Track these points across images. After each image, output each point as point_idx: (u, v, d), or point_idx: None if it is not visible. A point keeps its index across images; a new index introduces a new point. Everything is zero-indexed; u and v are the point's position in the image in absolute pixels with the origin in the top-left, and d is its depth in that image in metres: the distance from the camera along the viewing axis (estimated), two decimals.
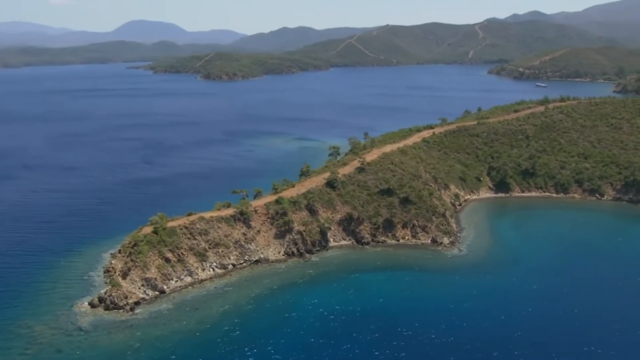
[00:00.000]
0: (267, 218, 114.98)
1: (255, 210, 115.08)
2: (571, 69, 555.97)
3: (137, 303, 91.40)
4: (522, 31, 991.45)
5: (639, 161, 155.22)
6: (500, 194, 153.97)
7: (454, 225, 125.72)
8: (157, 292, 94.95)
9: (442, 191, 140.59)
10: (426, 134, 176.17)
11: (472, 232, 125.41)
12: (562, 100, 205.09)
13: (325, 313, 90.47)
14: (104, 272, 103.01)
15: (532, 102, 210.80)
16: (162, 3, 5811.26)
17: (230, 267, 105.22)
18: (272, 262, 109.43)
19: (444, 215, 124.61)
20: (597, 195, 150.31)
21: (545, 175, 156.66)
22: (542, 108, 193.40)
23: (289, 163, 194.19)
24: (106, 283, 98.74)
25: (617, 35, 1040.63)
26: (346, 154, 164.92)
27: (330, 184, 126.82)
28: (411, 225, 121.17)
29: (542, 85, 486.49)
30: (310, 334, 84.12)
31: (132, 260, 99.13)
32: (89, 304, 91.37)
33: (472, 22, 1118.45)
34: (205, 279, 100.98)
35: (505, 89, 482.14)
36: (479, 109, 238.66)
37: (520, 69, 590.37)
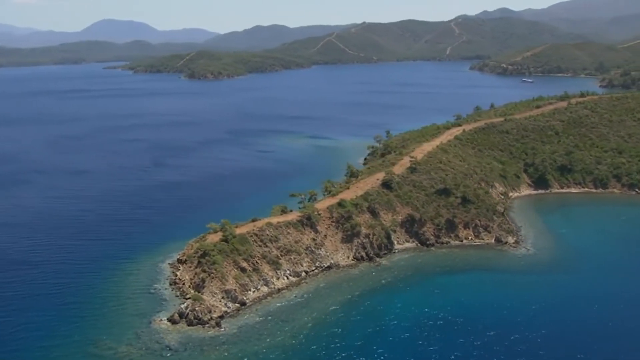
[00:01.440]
0: (332, 222, 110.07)
1: (319, 214, 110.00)
2: (553, 65, 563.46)
3: (221, 317, 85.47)
4: (496, 28, 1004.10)
5: None
6: (540, 191, 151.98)
7: (512, 224, 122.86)
8: (237, 305, 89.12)
9: (490, 190, 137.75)
10: (456, 131, 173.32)
11: (530, 230, 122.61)
12: (582, 95, 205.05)
13: (419, 318, 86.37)
14: (170, 285, 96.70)
15: (553, 97, 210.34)
16: (132, 2, 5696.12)
17: (303, 274, 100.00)
18: (343, 267, 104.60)
19: (502, 214, 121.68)
20: (637, 190, 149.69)
21: (583, 170, 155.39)
22: (564, 104, 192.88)
23: (312, 163, 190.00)
24: (177, 296, 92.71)
25: (584, 32, 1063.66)
26: (382, 154, 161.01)
27: (387, 184, 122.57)
28: (473, 225, 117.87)
29: (529, 80, 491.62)
30: (414, 340, 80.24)
31: (204, 271, 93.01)
32: (169, 320, 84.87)
33: (444, 19, 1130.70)
34: (282, 288, 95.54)
35: (493, 84, 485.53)
36: (492, 105, 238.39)
37: (504, 65, 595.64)
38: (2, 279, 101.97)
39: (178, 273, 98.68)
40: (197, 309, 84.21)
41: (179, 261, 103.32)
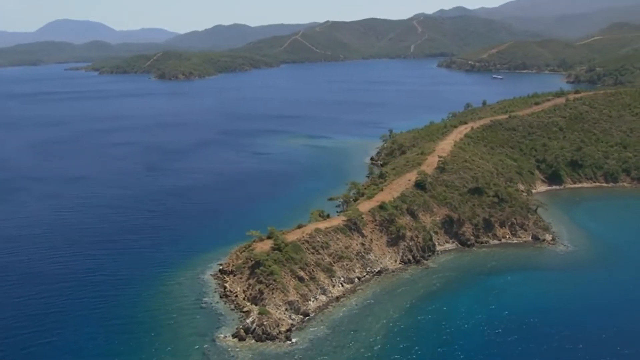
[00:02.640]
0: (376, 225, 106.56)
1: (362, 218, 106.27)
2: (518, 61, 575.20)
3: (288, 330, 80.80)
4: (456, 26, 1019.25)
5: None
6: (554, 187, 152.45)
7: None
8: (301, 316, 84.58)
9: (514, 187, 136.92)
10: (464, 129, 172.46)
11: (560, 227, 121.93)
12: (576, 92, 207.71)
13: (486, 320, 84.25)
14: (221, 297, 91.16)
15: (550, 94, 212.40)
16: (87, 1, 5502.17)
17: (356, 280, 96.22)
18: (393, 271, 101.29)
19: (535, 211, 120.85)
20: None
21: (593, 165, 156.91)
22: (562, 100, 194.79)
23: (319, 164, 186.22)
24: (232, 310, 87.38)
25: (535, 29, 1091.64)
26: (392, 152, 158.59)
27: (420, 185, 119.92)
28: (509, 223, 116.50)
29: (499, 77, 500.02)
30: (492, 344, 78.27)
31: (260, 282, 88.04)
32: (234, 336, 79.51)
33: (403, 17, 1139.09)
34: (340, 296, 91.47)
35: (465, 81, 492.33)
36: (484, 102, 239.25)
37: (471, 62, 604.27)
38: (33, 294, 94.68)
39: (227, 285, 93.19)
40: (265, 323, 79.30)
41: (223, 272, 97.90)
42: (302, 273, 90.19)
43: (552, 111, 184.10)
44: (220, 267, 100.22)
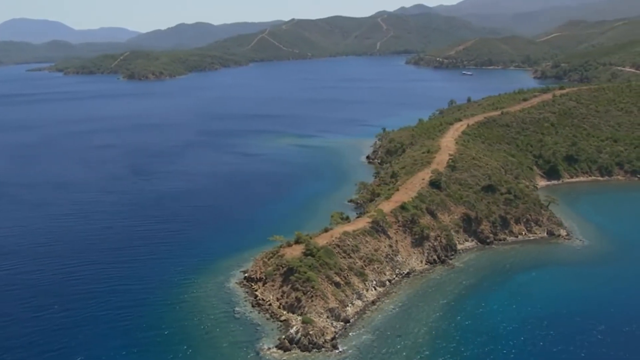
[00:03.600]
0: (399, 226, 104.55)
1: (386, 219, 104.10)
2: (484, 58, 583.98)
3: (333, 338, 77.88)
4: (419, 23, 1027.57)
5: None
6: (553, 182, 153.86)
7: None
8: (342, 323, 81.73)
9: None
10: (460, 126, 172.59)
11: (570, 221, 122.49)
12: (561, 88, 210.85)
13: (524, 317, 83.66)
14: (253, 306, 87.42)
15: (535, 90, 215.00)
16: (44, 0, 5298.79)
17: (387, 283, 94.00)
18: (420, 272, 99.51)
19: (547, 207, 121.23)
20: (639, 176, 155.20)
21: (588, 159, 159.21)
22: (549, 96, 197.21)
23: (315, 164, 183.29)
24: (269, 319, 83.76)
25: (494, 26, 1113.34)
26: (389, 151, 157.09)
27: (435, 184, 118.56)
28: (524, 220, 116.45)
29: (468, 73, 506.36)
30: (536, 340, 77.75)
31: (296, 289, 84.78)
32: (278, 347, 75.99)
33: (365, 15, 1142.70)
34: (375, 300, 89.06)
35: (436, 78, 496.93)
36: (469, 99, 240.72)
37: (439, 59, 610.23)
38: (52, 308, 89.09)
39: (258, 293, 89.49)
40: (310, 332, 76.19)
41: (250, 279, 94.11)
42: (337, 278, 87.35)
43: (542, 107, 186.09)
44: (245, 275, 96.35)
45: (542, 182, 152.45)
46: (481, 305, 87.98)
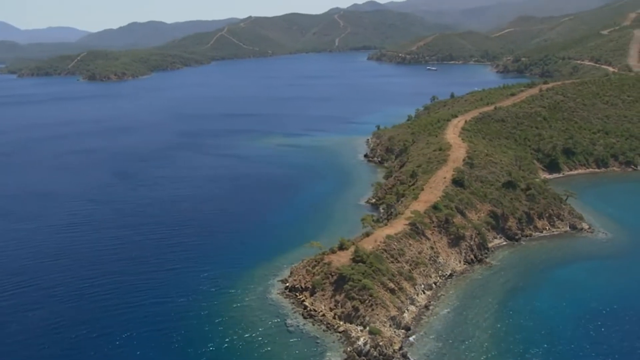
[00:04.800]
0: (434, 227, 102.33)
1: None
2: (445, 53, 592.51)
3: (401, 348, 74.84)
4: (375, 19, 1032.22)
5: None
6: (554, 175, 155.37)
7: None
8: (403, 330, 78.72)
9: None
10: (457, 122, 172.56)
11: (586, 214, 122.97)
12: (545, 82, 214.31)
13: (578, 313, 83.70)
14: (305, 318, 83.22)
15: (521, 85, 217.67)
16: None
17: (434, 286, 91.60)
18: (461, 273, 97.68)
19: (566, 201, 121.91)
20: (633, 167, 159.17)
21: (584, 152, 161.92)
22: (535, 90, 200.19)
23: (314, 164, 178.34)
24: (325, 331, 79.81)
25: (445, 22, 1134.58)
26: (389, 148, 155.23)
27: (459, 182, 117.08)
28: (547, 215, 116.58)
29: (433, 68, 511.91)
30: (600, 335, 77.89)
31: (352, 298, 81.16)
32: None
33: (319, 12, 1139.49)
34: (427, 304, 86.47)
35: (403, 74, 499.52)
36: (452, 95, 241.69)
37: (401, 55, 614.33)
38: (87, 325, 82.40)
39: (307, 303, 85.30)
40: (380, 343, 72.85)
41: (293, 289, 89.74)
42: (391, 284, 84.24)
43: (532, 101, 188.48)
44: (287, 284, 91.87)
45: (544, 176, 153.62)
46: (531, 304, 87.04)
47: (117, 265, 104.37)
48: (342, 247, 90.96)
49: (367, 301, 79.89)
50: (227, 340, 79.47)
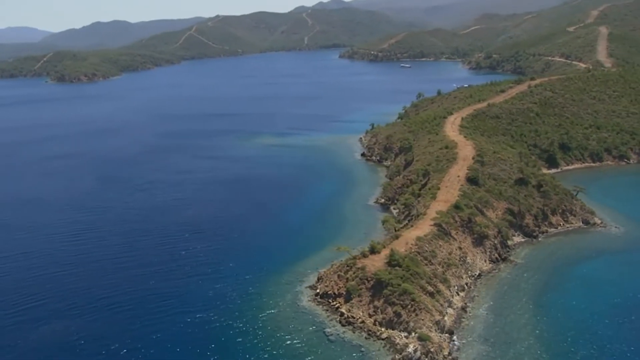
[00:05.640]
0: (458, 227, 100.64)
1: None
2: (416, 50, 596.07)
3: (450, 354, 72.65)
4: (343, 18, 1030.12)
5: None
6: (553, 170, 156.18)
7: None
8: (447, 335, 76.58)
9: None
10: (453, 119, 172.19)
11: (595, 209, 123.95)
12: (532, 79, 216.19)
13: (619, 309, 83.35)
14: (343, 325, 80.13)
15: (509, 82, 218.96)
16: None
17: (465, 287, 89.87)
18: (489, 272, 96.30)
19: (576, 196, 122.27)
20: (626, 160, 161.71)
21: (579, 147, 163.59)
22: (524, 87, 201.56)
23: (312, 164, 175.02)
24: (367, 339, 76.91)
25: (410, 19, 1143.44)
26: (387, 147, 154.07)
27: (474, 180, 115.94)
28: (560, 211, 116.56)
29: (407, 66, 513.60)
30: None
31: (392, 304, 78.61)
32: None
33: (285, 10, 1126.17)
34: (463, 306, 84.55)
35: (378, 71, 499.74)
36: (439, 92, 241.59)
37: (373, 52, 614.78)
38: (109, 346, 76.96)
39: (343, 310, 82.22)
40: (431, 349, 70.49)
41: (325, 295, 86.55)
42: (430, 288, 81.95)
43: (522, 98, 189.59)
44: (317, 291, 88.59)
45: (544, 171, 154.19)
46: (563, 301, 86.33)
47: (133, 275, 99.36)
48: (373, 251, 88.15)
49: (409, 306, 77.40)
50: (267, 351, 75.88)
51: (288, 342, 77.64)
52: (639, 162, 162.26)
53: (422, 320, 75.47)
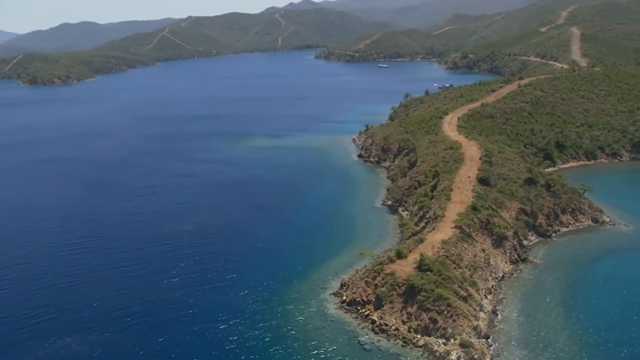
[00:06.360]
0: (477, 229, 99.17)
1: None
2: (392, 50, 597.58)
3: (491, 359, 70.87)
4: (315, 18, 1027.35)
5: (629, 124, 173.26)
6: (550, 169, 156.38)
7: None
8: (484, 340, 74.79)
9: None
10: (450, 119, 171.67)
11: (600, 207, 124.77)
12: (520, 78, 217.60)
13: None
14: (376, 333, 77.59)
15: (498, 81, 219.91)
16: None
17: (492, 290, 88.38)
18: (511, 273, 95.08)
19: (583, 194, 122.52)
20: (619, 158, 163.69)
21: (573, 145, 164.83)
22: (514, 86, 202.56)
23: (310, 166, 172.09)
24: (404, 346, 74.55)
25: (380, 20, 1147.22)
26: (385, 148, 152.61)
27: (485, 181, 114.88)
28: (570, 209, 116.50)
29: (385, 66, 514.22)
30: None
31: (427, 310, 76.41)
32: None
33: (256, 12, 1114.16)
34: (493, 309, 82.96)
35: (356, 71, 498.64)
36: (427, 92, 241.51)
37: (350, 53, 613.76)
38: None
39: (375, 317, 79.62)
40: (475, 356, 68.52)
41: (352, 303, 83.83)
42: (462, 292, 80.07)
43: (514, 97, 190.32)
44: (344, 298, 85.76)
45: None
46: (591, 301, 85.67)
47: (145, 285, 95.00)
48: (400, 256, 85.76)
49: (445, 312, 75.31)
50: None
51: (322, 352, 74.72)
52: (631, 159, 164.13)
53: (461, 326, 73.47)
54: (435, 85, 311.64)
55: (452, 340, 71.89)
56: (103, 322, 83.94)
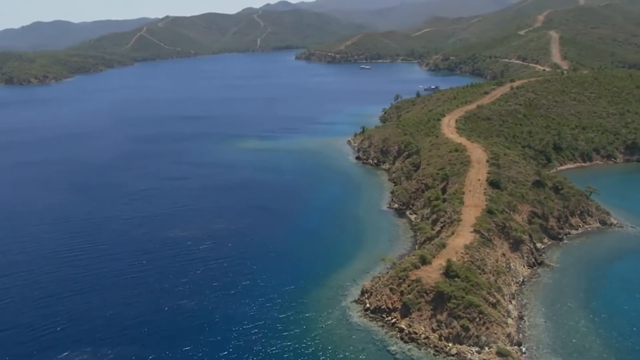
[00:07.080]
0: (495, 233, 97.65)
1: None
2: (373, 52, 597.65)
3: None
4: (293, 19, 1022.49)
5: (621, 126, 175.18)
6: (550, 171, 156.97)
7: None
8: (516, 347, 73.03)
9: None
10: (448, 120, 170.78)
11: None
12: (512, 80, 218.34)
13: None
14: (405, 342, 75.13)
15: (490, 83, 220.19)
16: None
17: (514, 294, 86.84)
18: (530, 277, 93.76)
19: (589, 197, 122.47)
20: (613, 160, 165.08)
21: (569, 147, 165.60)
22: (507, 88, 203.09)
23: (310, 168, 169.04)
24: (436, 355, 72.32)
25: (358, 21, 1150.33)
26: (385, 150, 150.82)
27: (495, 184, 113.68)
28: (578, 212, 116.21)
29: (367, 67, 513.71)
30: None
31: (457, 317, 74.30)
32: None
33: (232, 12, 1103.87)
34: (520, 316, 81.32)
35: (338, 72, 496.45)
36: (418, 94, 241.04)
37: (331, 54, 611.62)
38: None
39: (402, 325, 77.16)
40: None
41: (377, 310, 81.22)
42: (491, 298, 78.18)
43: (508, 99, 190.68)
44: (366, 306, 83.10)
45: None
46: (614, 304, 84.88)
47: (156, 293, 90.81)
48: (424, 262, 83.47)
49: (477, 319, 73.29)
50: None
51: None
52: (625, 161, 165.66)
53: (495, 334, 71.55)
54: (421, 87, 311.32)
55: (486, 348, 69.90)
56: (116, 333, 79.69)
